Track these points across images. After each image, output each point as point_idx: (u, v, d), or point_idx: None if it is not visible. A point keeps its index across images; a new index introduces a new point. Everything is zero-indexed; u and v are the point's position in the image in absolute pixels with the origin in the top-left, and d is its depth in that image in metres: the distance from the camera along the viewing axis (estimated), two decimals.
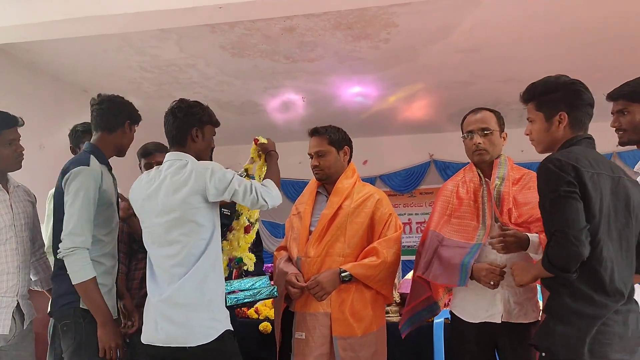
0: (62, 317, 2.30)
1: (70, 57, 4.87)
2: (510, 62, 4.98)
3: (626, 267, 1.80)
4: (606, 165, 1.84)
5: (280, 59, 4.89)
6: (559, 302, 1.76)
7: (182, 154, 2.21)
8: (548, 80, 1.99)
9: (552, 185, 1.73)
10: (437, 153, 7.39)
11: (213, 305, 2.12)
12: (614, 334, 1.72)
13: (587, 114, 1.94)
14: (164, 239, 2.11)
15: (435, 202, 2.53)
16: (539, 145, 2.01)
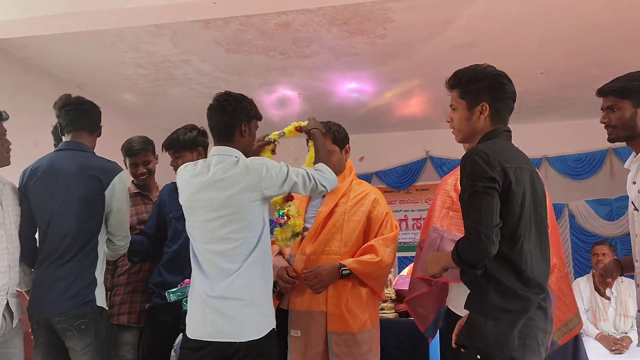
0: (78, 316, 2.32)
1: (65, 53, 4.84)
2: (505, 57, 4.96)
3: (543, 260, 1.84)
4: (525, 159, 1.87)
5: (275, 54, 4.87)
6: (486, 299, 1.75)
7: (231, 149, 2.19)
8: (475, 68, 1.97)
9: (474, 178, 1.74)
10: (433, 149, 7.39)
11: (263, 301, 2.12)
12: (539, 328, 1.76)
13: (508, 107, 1.95)
14: (216, 235, 2.10)
15: (435, 196, 2.55)
16: (459, 133, 2.00)
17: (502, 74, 1.96)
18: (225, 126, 2.19)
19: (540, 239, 1.82)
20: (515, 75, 5.66)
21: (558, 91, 5.91)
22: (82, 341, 2.33)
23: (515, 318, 1.72)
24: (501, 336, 1.71)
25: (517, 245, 1.75)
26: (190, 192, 2.16)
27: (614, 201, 6.66)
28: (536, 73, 5.35)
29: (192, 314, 2.14)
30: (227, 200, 2.08)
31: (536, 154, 7.03)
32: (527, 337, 1.72)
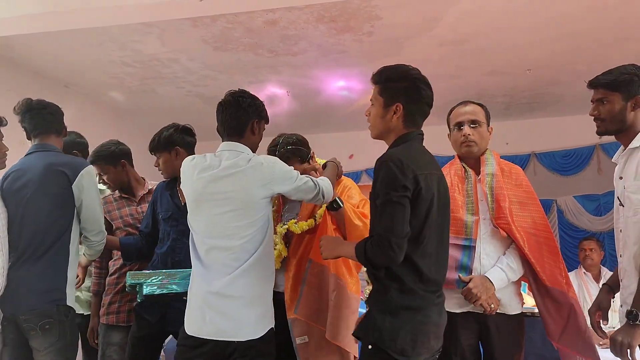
0: (46, 315, 2.31)
1: (51, 52, 4.80)
2: (494, 54, 4.99)
3: (443, 260, 1.93)
4: (434, 164, 1.93)
5: (263, 52, 4.85)
6: (388, 296, 1.83)
7: (241, 145, 2.20)
8: (397, 68, 2.00)
9: (388, 187, 1.77)
10: None
11: (263, 301, 2.12)
12: (433, 323, 1.84)
13: (422, 111, 1.97)
14: (223, 229, 2.09)
15: None
16: (374, 130, 2.04)
17: (421, 78, 1.98)
18: (239, 122, 2.21)
19: (440, 241, 1.90)
20: (503, 72, 5.75)
21: (545, 88, 5.95)
22: (45, 341, 2.32)
23: (412, 315, 1.80)
24: (396, 331, 1.78)
25: (421, 247, 1.82)
26: (200, 186, 2.13)
27: (602, 196, 6.71)
28: (524, 70, 5.38)
29: (191, 311, 2.12)
30: (238, 195, 2.08)
31: (524, 150, 7.08)
32: (420, 332, 1.80)
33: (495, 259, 2.28)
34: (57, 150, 2.59)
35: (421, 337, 1.80)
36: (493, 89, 5.95)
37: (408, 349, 1.77)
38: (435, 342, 1.87)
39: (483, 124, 2.42)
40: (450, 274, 2.24)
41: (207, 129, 8.50)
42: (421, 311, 1.82)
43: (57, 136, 2.63)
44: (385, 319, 1.81)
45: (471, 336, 2.30)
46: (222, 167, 2.12)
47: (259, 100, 2.31)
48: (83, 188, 2.46)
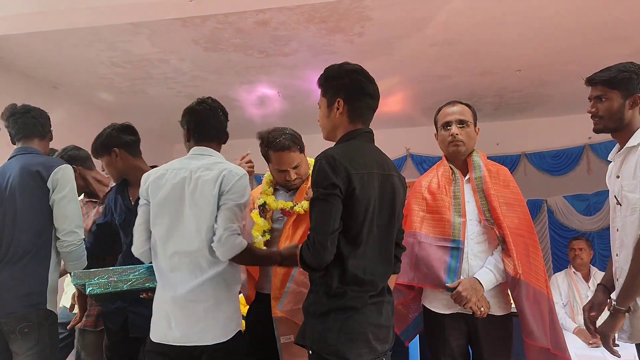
0: (24, 319, 2.30)
1: (40, 53, 4.75)
2: (484, 55, 5.01)
3: (382, 261, 1.89)
4: (379, 163, 1.90)
5: (254, 53, 4.84)
6: (317, 300, 1.83)
7: (217, 152, 2.25)
8: (335, 66, 2.00)
9: (317, 184, 1.78)
10: (414, 147, 7.41)
11: (230, 303, 2.11)
12: (371, 323, 1.81)
13: (367, 105, 1.96)
14: (190, 233, 2.07)
15: (409, 199, 2.52)
16: (323, 131, 2.03)
17: (360, 71, 1.97)
18: (220, 129, 2.28)
19: (381, 242, 1.88)
20: (493, 72, 5.76)
21: (535, 88, 5.98)
22: (23, 345, 2.31)
23: (344, 316, 1.78)
24: (328, 332, 1.78)
25: (359, 248, 1.81)
26: (167, 191, 2.13)
27: (592, 196, 6.75)
28: (514, 70, 5.40)
29: (157, 317, 2.11)
30: (208, 200, 2.08)
31: (515, 151, 7.11)
32: (354, 331, 1.78)
33: (484, 259, 2.28)
34: (37, 152, 2.57)
35: (358, 338, 1.78)
36: (483, 89, 5.97)
37: (344, 350, 1.75)
38: (378, 344, 1.83)
39: (470, 123, 2.42)
40: (439, 276, 2.24)
41: None
42: (354, 312, 1.79)
43: (41, 139, 2.63)
44: (316, 322, 1.81)
45: (460, 337, 2.30)
46: (192, 170, 2.13)
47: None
48: (56, 185, 2.44)
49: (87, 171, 3.04)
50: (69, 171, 2.52)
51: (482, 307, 2.20)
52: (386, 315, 1.88)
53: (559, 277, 4.50)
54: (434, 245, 2.29)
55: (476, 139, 2.46)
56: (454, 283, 2.22)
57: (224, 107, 2.34)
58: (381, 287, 1.88)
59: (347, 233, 1.78)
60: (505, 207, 2.31)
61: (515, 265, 2.20)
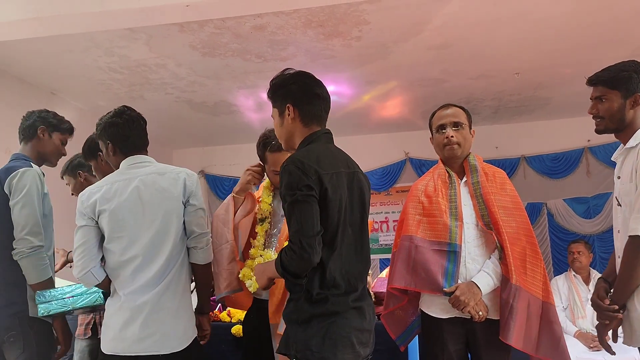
0: (9, 328, 2.27)
1: (37, 59, 4.75)
2: (481, 58, 5.01)
3: (360, 261, 1.87)
4: (343, 162, 1.89)
5: (252, 58, 4.83)
6: (298, 307, 1.79)
7: (152, 159, 2.24)
8: (277, 76, 1.99)
9: (292, 188, 1.74)
10: (413, 151, 7.41)
11: (186, 311, 2.11)
12: (352, 327, 1.77)
13: (318, 106, 1.94)
14: (152, 240, 2.06)
15: (406, 203, 2.51)
16: (281, 141, 2.01)
17: (303, 74, 1.96)
18: (144, 137, 2.28)
19: (356, 241, 1.86)
20: (491, 75, 5.75)
21: (533, 91, 5.97)
22: (11, 353, 2.29)
23: (326, 321, 1.75)
24: (311, 339, 1.74)
25: (336, 250, 1.78)
26: (120, 203, 2.09)
27: (591, 199, 6.74)
28: (511, 73, 5.39)
29: (109, 328, 2.07)
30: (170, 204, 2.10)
31: (514, 154, 7.10)
32: (338, 336, 1.74)
33: (481, 263, 2.26)
34: (19, 157, 2.52)
35: (342, 343, 1.74)
36: (481, 92, 5.97)
37: (329, 356, 1.72)
38: (361, 348, 1.80)
39: (465, 125, 2.41)
40: (436, 280, 2.22)
41: (197, 135, 8.46)
42: (335, 316, 1.76)
43: (26, 142, 2.59)
44: (299, 329, 1.78)
45: (458, 341, 2.28)
46: (141, 180, 2.12)
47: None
48: (11, 190, 2.33)
49: (92, 178, 3.01)
50: (27, 174, 2.37)
51: (480, 311, 2.18)
52: (369, 318, 1.85)
53: (559, 281, 4.48)
54: (431, 249, 2.27)
55: (472, 142, 2.44)
56: (452, 287, 2.20)
57: (140, 110, 2.35)
58: (361, 288, 1.85)
59: (324, 236, 1.75)
60: (503, 212, 2.29)
61: (510, 270, 2.18)
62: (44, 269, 2.27)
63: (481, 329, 2.23)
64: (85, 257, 2.09)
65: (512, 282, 2.17)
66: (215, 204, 8.03)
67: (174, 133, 7.24)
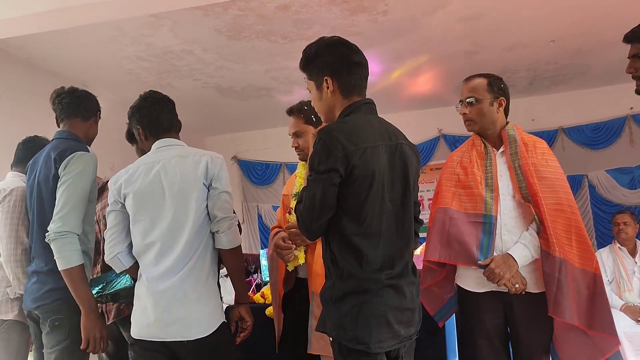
0: (54, 312, 2.26)
1: (66, 52, 4.81)
2: (514, 27, 4.82)
3: (400, 238, 1.77)
4: (384, 134, 1.78)
5: (277, 39, 4.77)
6: (332, 285, 1.75)
7: (181, 141, 2.22)
8: (310, 46, 1.87)
9: (314, 163, 1.69)
10: (446, 127, 7.25)
11: (210, 297, 2.08)
12: (388, 305, 1.70)
13: (357, 75, 1.83)
14: (174, 225, 2.05)
15: (440, 175, 2.44)
16: (321, 115, 1.93)
17: (339, 42, 1.85)
18: (172, 118, 2.25)
19: (397, 216, 1.77)
20: (525, 45, 5.53)
21: (571, 59, 5.73)
22: (53, 338, 2.26)
23: (359, 300, 1.69)
24: (343, 318, 1.70)
25: (363, 226, 1.70)
26: (143, 186, 2.08)
27: (635, 169, 6.50)
28: (547, 42, 5.18)
29: (138, 313, 2.07)
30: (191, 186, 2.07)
31: (551, 126, 6.87)
32: (372, 315, 1.68)
33: (518, 235, 2.18)
34: (69, 136, 2.46)
35: (376, 322, 1.68)
36: (515, 64, 5.76)
37: (362, 335, 1.66)
38: (401, 328, 1.72)
39: (482, 99, 2.30)
40: (471, 253, 2.15)
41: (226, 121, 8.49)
42: (368, 294, 1.69)
43: (84, 120, 2.52)
44: (333, 307, 1.73)
45: (496, 317, 2.21)
46: (163, 163, 2.10)
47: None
48: (65, 172, 2.28)
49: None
50: (79, 157, 2.31)
51: (516, 284, 2.10)
52: (410, 297, 1.76)
53: (603, 254, 4.32)
54: (466, 221, 2.20)
55: (497, 113, 2.32)
56: (487, 260, 2.12)
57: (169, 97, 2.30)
58: (400, 266, 1.76)
59: (352, 212, 1.69)
60: (544, 183, 2.19)
61: (551, 242, 2.09)
62: (68, 257, 2.18)
63: (520, 303, 2.15)
64: (113, 242, 2.10)
65: (555, 255, 2.08)
66: (248, 189, 8.07)
67: (204, 120, 7.27)
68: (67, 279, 2.19)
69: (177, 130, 2.27)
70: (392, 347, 1.73)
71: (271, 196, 8.00)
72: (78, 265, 2.19)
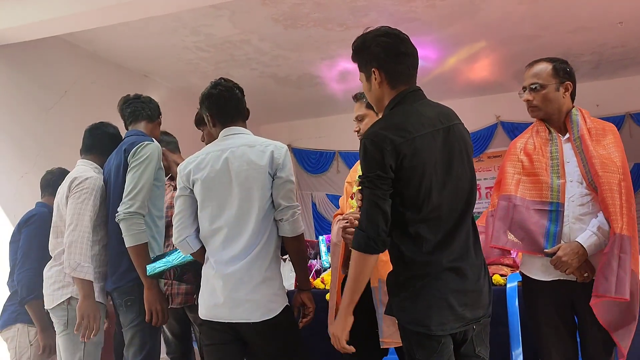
0: (128, 292, 2.44)
1: (129, 44, 4.98)
2: (578, 8, 4.63)
3: (462, 219, 1.78)
4: (434, 119, 1.76)
5: (334, 27, 4.78)
6: (395, 270, 1.79)
7: (247, 130, 2.28)
8: (358, 38, 1.87)
9: (365, 170, 1.69)
10: (504, 114, 7.08)
11: (275, 281, 2.14)
12: (449, 288, 1.70)
13: (405, 64, 1.81)
14: (240, 211, 2.11)
15: (503, 162, 2.39)
16: (374, 106, 1.93)
17: (386, 33, 1.83)
18: (242, 108, 2.31)
19: (456, 198, 1.77)
20: (590, 27, 5.32)
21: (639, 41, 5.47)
22: (127, 317, 2.45)
23: (418, 283, 1.71)
24: (405, 301, 1.72)
25: (422, 213, 1.70)
26: (212, 173, 2.14)
27: None
28: (614, 23, 4.96)
29: (205, 294, 2.14)
30: (258, 175, 2.12)
31: (618, 111, 6.59)
32: (433, 298, 1.69)
33: (587, 222, 2.10)
34: (139, 133, 2.67)
35: (437, 304, 1.68)
36: (579, 47, 5.55)
37: (423, 317, 1.68)
38: (466, 311, 1.72)
39: (547, 85, 2.23)
40: (537, 241, 2.11)
41: (282, 110, 8.57)
42: (428, 277, 1.70)
43: (149, 122, 2.75)
44: (395, 292, 1.76)
45: (563, 306, 2.16)
46: (232, 150, 2.14)
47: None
48: (134, 159, 2.49)
49: (169, 154, 3.14)
50: (149, 146, 2.53)
51: (585, 273, 2.04)
52: (473, 278, 1.75)
53: None
54: (531, 208, 2.16)
55: (563, 98, 2.25)
56: (554, 248, 2.08)
57: (239, 85, 2.34)
58: (462, 248, 1.76)
59: (409, 201, 1.70)
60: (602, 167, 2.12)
61: (616, 220, 2.02)
62: (136, 234, 2.37)
63: (588, 292, 2.08)
64: (181, 226, 2.18)
65: (621, 233, 2.01)
66: (303, 178, 8.14)
67: (260, 108, 7.35)
68: (133, 256, 2.38)
69: (244, 118, 2.31)
70: (457, 330, 1.72)
71: (325, 184, 8.04)
72: (143, 243, 2.39)
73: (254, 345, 2.15)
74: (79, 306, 2.43)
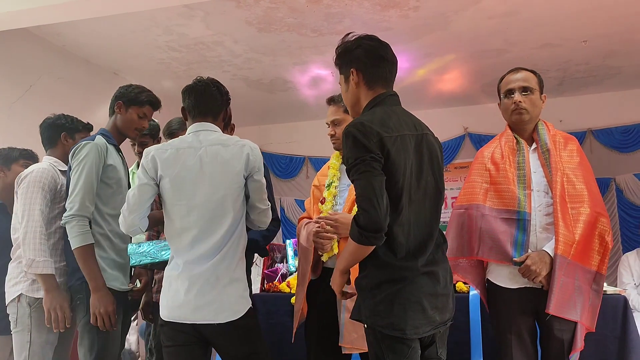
0: (77, 292, 2.42)
1: (100, 40, 4.90)
2: (546, 26, 4.77)
3: (427, 226, 1.79)
4: (410, 124, 1.80)
5: (307, 32, 4.80)
6: (368, 273, 1.76)
7: (217, 127, 2.23)
8: (341, 42, 1.94)
9: (355, 155, 1.69)
10: (472, 126, 7.21)
11: (241, 282, 2.13)
12: (423, 291, 1.72)
13: (384, 68, 1.87)
14: (211, 210, 2.08)
15: (470, 171, 2.44)
16: (348, 108, 1.97)
17: (366, 37, 1.91)
18: (220, 106, 2.27)
19: (431, 205, 1.80)
20: (556, 45, 5.47)
21: (602, 60, 5.66)
22: (78, 315, 2.43)
23: (395, 287, 1.71)
24: (379, 305, 1.72)
25: (401, 216, 1.72)
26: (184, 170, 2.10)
27: None
28: (578, 42, 5.12)
29: (168, 296, 2.10)
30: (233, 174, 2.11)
31: (580, 127, 6.78)
32: (408, 301, 1.70)
33: (553, 232, 2.17)
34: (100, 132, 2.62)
35: (412, 308, 1.70)
36: (545, 63, 5.70)
37: (398, 322, 1.68)
38: (436, 314, 1.74)
39: (535, 91, 2.30)
40: (505, 250, 2.15)
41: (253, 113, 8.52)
42: (404, 282, 1.71)
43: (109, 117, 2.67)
44: (368, 295, 1.76)
45: (527, 313, 2.21)
46: (204, 148, 2.11)
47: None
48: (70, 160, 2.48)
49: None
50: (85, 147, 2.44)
51: None
52: (443, 282, 1.79)
53: (630, 257, 4.26)
54: (499, 217, 2.21)
55: (542, 108, 2.33)
56: (522, 257, 2.13)
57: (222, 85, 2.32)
58: (434, 253, 1.79)
59: (390, 201, 1.69)
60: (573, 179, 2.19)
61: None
62: (78, 236, 2.32)
63: None
64: (138, 213, 2.11)
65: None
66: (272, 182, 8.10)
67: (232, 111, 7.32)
68: (77, 257, 2.34)
69: (215, 116, 2.26)
70: (427, 333, 1.75)
71: (294, 190, 8.04)
72: (87, 245, 2.33)
73: (217, 347, 2.13)
74: (44, 301, 2.40)
